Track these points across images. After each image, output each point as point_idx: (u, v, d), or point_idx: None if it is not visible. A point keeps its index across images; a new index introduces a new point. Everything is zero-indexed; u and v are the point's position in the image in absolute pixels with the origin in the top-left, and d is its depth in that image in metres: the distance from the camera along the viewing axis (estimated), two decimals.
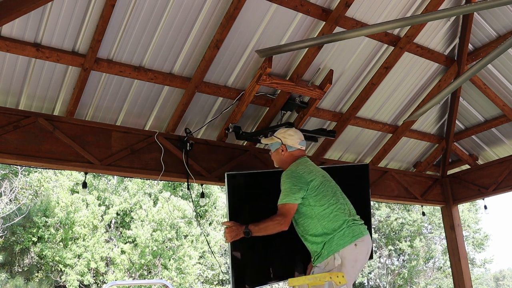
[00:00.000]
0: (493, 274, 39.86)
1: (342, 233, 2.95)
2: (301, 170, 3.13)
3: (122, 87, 3.63)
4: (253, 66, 3.86)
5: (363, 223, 3.12)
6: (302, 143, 3.38)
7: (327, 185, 3.14)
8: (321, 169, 3.31)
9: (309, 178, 3.08)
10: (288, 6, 3.53)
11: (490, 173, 5.32)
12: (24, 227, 15.89)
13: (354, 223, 3.04)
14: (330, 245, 2.95)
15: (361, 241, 2.98)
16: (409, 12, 4.06)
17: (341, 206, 3.07)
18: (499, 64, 4.67)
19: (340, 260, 2.89)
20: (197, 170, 3.88)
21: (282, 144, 3.34)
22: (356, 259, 2.95)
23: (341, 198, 3.15)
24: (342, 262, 2.89)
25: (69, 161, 3.40)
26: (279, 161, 3.40)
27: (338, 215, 3.01)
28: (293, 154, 3.33)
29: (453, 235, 5.56)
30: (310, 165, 3.23)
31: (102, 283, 16.48)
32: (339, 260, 2.89)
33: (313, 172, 3.16)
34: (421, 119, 5.20)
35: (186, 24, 3.44)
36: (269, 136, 3.58)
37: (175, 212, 16.72)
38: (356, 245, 2.95)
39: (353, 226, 3.00)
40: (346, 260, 2.90)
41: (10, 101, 3.39)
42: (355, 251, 2.94)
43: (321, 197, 3.05)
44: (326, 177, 3.22)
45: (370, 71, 4.38)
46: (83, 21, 3.16)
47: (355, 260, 2.94)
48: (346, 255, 2.91)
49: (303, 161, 3.27)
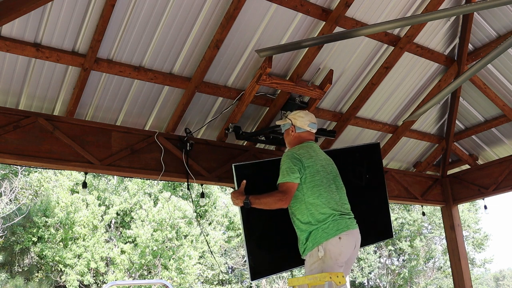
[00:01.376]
0: (493, 274, 39.88)
1: (326, 226, 2.99)
2: (301, 154, 3.16)
3: (122, 87, 3.63)
4: (253, 66, 3.86)
5: (353, 217, 3.15)
6: (312, 125, 3.40)
7: (323, 176, 3.15)
8: (325, 157, 3.31)
9: (306, 163, 3.12)
10: (288, 6, 3.53)
11: (490, 173, 5.32)
12: (24, 227, 15.90)
13: (342, 217, 3.06)
14: (315, 237, 2.99)
15: (346, 235, 3.00)
16: (409, 12, 4.06)
17: (331, 199, 3.09)
18: (499, 64, 4.67)
19: (323, 252, 2.93)
20: (197, 170, 3.88)
21: (291, 125, 3.39)
22: (340, 252, 2.97)
23: (335, 191, 3.17)
24: (325, 254, 2.93)
25: (69, 161, 3.39)
26: (288, 142, 3.45)
27: (325, 208, 3.04)
28: (301, 136, 3.37)
29: (453, 235, 5.56)
30: (312, 151, 3.23)
31: (102, 283, 16.50)
32: (322, 252, 2.93)
33: (313, 158, 3.17)
34: (421, 119, 5.20)
35: (186, 24, 3.44)
36: (282, 118, 3.64)
37: (175, 212, 16.73)
38: (341, 238, 2.98)
39: (338, 220, 3.03)
40: (330, 252, 2.94)
41: (10, 101, 3.39)
42: (339, 244, 2.97)
43: (313, 185, 3.08)
44: (326, 167, 3.22)
45: (370, 71, 4.38)
46: (83, 21, 3.16)
47: (339, 253, 2.96)
48: (329, 248, 2.94)
49: (307, 145, 3.28)
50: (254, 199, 3.15)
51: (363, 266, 22.52)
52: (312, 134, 3.41)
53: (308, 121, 3.39)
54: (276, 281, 19.82)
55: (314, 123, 3.42)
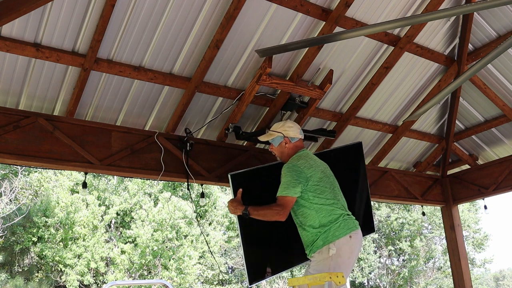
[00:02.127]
0: (493, 274, 39.87)
1: (338, 225, 3.04)
2: (301, 165, 3.18)
3: (122, 87, 3.63)
4: (253, 66, 3.86)
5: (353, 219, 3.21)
6: (301, 132, 3.48)
7: (326, 181, 3.20)
8: (322, 163, 3.35)
9: (308, 173, 3.14)
10: (288, 6, 3.53)
11: (490, 173, 5.32)
12: (24, 227, 15.90)
13: (349, 217, 3.15)
14: (326, 235, 3.02)
15: (355, 234, 3.08)
16: (409, 12, 4.06)
17: (338, 201, 3.16)
18: (499, 64, 4.67)
19: (335, 250, 2.96)
20: (197, 170, 3.88)
21: (285, 137, 3.39)
22: (351, 250, 3.03)
23: (338, 193, 3.25)
24: (337, 253, 2.96)
25: (69, 161, 3.39)
26: (282, 154, 3.45)
27: (335, 209, 3.10)
28: (296, 145, 3.40)
29: (453, 235, 5.56)
30: (310, 160, 3.27)
31: (102, 283, 16.49)
32: (334, 250, 2.96)
33: (313, 167, 3.20)
34: (421, 119, 5.20)
35: (186, 24, 3.44)
36: (267, 133, 3.58)
37: (175, 212, 16.73)
38: (351, 237, 3.04)
39: (348, 220, 3.11)
40: (341, 250, 2.97)
41: (10, 101, 3.39)
42: (350, 242, 3.03)
43: (320, 192, 3.11)
44: (325, 172, 3.28)
45: (370, 71, 4.38)
46: (83, 21, 3.16)
47: (351, 251, 3.02)
48: (341, 246, 2.98)
49: (304, 155, 3.31)
50: (253, 210, 3.16)
51: (363, 266, 22.52)
52: (299, 142, 3.44)
53: (298, 129, 3.44)
54: (276, 281, 19.82)
55: (301, 129, 3.49)
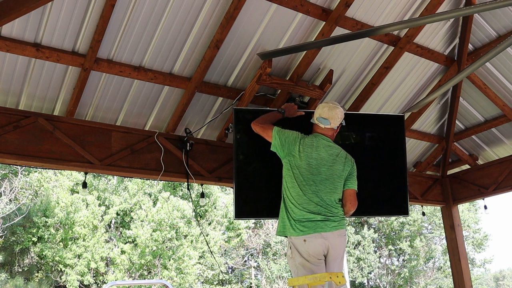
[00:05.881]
0: (493, 274, 39.86)
1: (293, 224, 3.05)
2: (302, 141, 3.20)
3: (122, 87, 3.63)
4: (253, 66, 3.86)
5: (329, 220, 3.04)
6: (320, 119, 3.28)
7: (303, 173, 3.10)
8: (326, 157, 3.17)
9: (294, 150, 3.17)
10: (288, 6, 3.53)
11: (490, 173, 5.31)
12: (24, 227, 15.89)
13: (313, 219, 3.01)
14: (284, 226, 3.09)
15: (312, 237, 2.98)
16: (409, 12, 4.05)
17: (305, 200, 3.05)
18: (499, 64, 4.67)
19: (291, 244, 3.06)
20: (197, 170, 3.88)
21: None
22: (308, 253, 2.99)
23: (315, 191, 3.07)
24: (293, 247, 3.03)
25: (69, 161, 3.40)
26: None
27: (301, 204, 3.05)
28: (314, 129, 3.36)
29: (453, 235, 5.55)
30: (311, 145, 3.18)
31: (102, 283, 16.49)
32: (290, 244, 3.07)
33: (305, 152, 3.15)
34: (421, 119, 5.20)
35: (186, 24, 3.44)
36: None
37: (174, 212, 16.72)
38: (305, 241, 2.99)
39: (305, 222, 3.01)
40: (297, 246, 3.02)
41: (10, 101, 3.40)
42: (305, 245, 2.99)
43: (290, 178, 3.14)
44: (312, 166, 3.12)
45: (370, 71, 4.38)
46: (83, 21, 3.16)
47: (307, 254, 2.99)
48: (296, 244, 3.03)
49: (314, 139, 3.23)
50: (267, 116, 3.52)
51: (363, 266, 22.51)
52: (319, 127, 3.29)
53: (318, 114, 3.30)
54: (276, 281, 19.82)
55: (322, 118, 3.26)
